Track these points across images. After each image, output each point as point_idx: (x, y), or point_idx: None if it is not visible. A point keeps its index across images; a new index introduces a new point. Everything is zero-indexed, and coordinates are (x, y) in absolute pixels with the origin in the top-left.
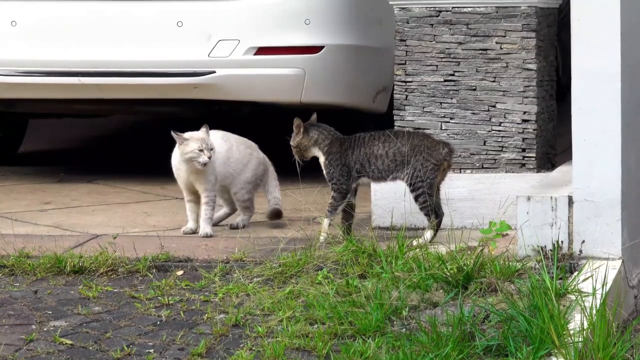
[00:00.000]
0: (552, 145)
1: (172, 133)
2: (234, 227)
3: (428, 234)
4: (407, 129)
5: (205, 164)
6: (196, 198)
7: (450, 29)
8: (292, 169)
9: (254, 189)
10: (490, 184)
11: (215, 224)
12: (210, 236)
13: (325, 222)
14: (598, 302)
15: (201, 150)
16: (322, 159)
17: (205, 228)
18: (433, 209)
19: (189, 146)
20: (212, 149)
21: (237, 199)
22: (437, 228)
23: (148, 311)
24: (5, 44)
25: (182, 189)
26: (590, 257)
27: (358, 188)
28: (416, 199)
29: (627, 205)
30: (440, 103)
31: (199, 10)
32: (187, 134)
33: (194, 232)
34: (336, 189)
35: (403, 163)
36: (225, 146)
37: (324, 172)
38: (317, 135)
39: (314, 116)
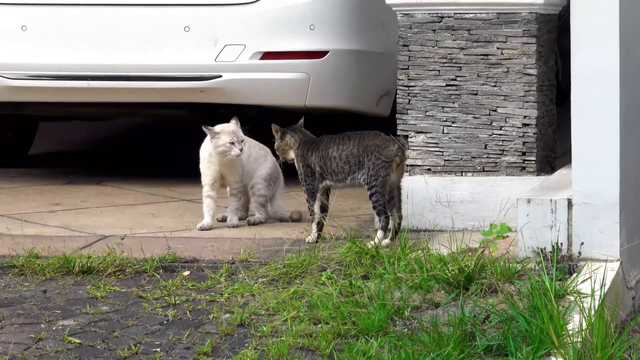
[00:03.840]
0: (552, 149)
1: (203, 127)
2: (251, 224)
3: (379, 234)
4: (409, 133)
5: (237, 155)
6: (216, 195)
7: (452, 34)
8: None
9: (268, 187)
10: (491, 187)
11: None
12: (237, 226)
13: (313, 225)
14: (596, 303)
15: (232, 144)
16: (294, 161)
17: (232, 219)
18: (384, 209)
19: (221, 139)
20: (242, 141)
21: (253, 194)
22: (397, 229)
23: (155, 311)
24: (15, 48)
25: (205, 184)
26: (589, 259)
27: (330, 190)
28: (370, 197)
29: (625, 207)
30: (442, 107)
31: (206, 16)
32: (217, 127)
33: (211, 228)
34: (305, 190)
35: (357, 165)
36: (246, 145)
37: (297, 174)
38: (289, 138)
39: (301, 121)
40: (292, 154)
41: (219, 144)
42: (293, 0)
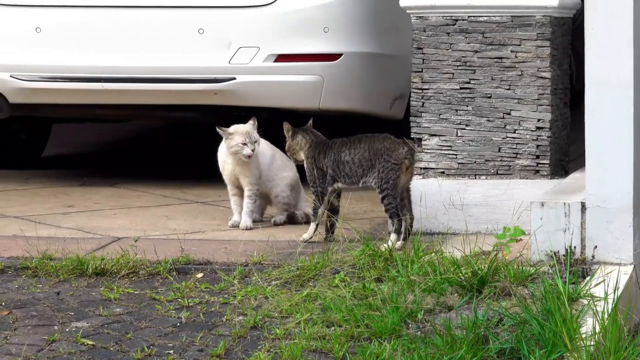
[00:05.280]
0: (565, 152)
1: (217, 128)
2: (277, 224)
3: (392, 237)
4: (423, 135)
5: (249, 156)
6: (240, 192)
7: (466, 37)
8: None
9: (292, 193)
10: (505, 190)
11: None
12: (251, 229)
13: (312, 224)
14: (610, 306)
15: (245, 144)
16: (304, 162)
17: (246, 221)
18: (397, 211)
19: (234, 140)
20: (256, 142)
21: (278, 202)
22: (409, 230)
23: (168, 313)
24: (30, 50)
25: (226, 184)
26: (603, 262)
27: (342, 192)
28: (382, 200)
29: (638, 211)
30: (456, 110)
31: (220, 18)
32: (231, 128)
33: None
34: (313, 192)
35: (369, 168)
36: (270, 151)
37: (306, 174)
38: (301, 139)
39: (310, 122)
40: (302, 155)
41: (231, 145)
42: (307, 3)
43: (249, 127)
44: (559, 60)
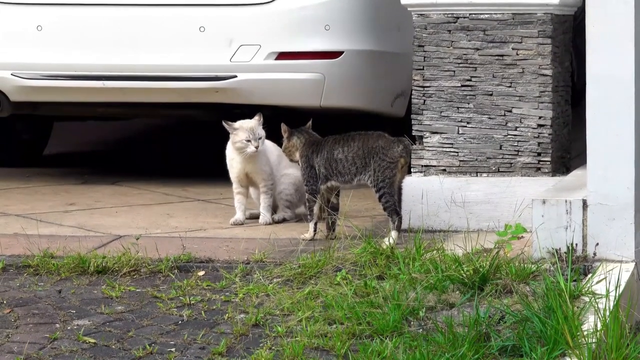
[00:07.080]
0: (566, 150)
1: (224, 123)
2: (277, 221)
3: (393, 234)
4: (424, 133)
5: (253, 152)
6: (245, 191)
7: (467, 35)
8: None
9: (296, 193)
10: (506, 188)
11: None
12: (270, 224)
13: (310, 224)
14: (611, 303)
15: (248, 141)
16: (299, 162)
17: (265, 216)
18: (396, 208)
19: (238, 136)
20: (260, 139)
21: (280, 198)
22: (399, 227)
23: (170, 311)
24: (31, 48)
25: (232, 181)
26: (604, 260)
27: (340, 190)
28: (379, 199)
29: None
30: (458, 108)
31: (221, 16)
32: (237, 124)
33: (242, 223)
34: (307, 190)
35: (363, 166)
36: (276, 152)
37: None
38: (296, 139)
39: (309, 122)
40: (297, 155)
41: (235, 140)
42: (308, 1)
43: (254, 122)
44: (560, 58)
